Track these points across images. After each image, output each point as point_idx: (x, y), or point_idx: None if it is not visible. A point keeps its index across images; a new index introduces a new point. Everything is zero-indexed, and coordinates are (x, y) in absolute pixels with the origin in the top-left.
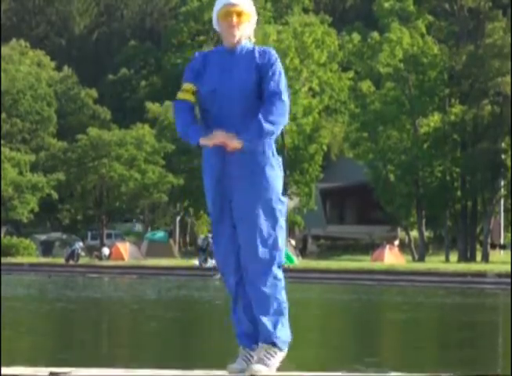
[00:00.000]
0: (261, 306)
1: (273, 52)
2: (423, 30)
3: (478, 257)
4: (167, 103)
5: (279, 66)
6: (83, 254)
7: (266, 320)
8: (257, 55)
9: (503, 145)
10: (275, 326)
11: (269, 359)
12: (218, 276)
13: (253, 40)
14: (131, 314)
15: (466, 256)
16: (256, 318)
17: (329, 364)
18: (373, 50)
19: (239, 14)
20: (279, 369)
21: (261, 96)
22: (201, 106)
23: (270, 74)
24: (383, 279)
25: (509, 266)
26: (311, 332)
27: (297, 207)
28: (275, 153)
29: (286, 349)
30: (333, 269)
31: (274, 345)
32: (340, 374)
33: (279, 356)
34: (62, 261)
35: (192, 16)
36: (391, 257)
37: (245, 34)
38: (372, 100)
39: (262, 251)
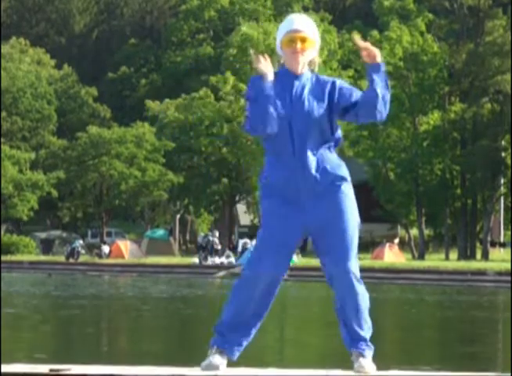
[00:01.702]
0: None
1: (336, 78)
2: (423, 28)
3: (478, 255)
4: (167, 100)
5: (347, 83)
6: (83, 252)
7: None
8: (323, 82)
9: (503, 143)
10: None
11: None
12: (219, 274)
13: (317, 63)
14: (131, 312)
15: (466, 254)
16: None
17: (329, 361)
18: None
19: (303, 40)
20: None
21: (334, 116)
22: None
23: (340, 87)
24: (383, 277)
25: (509, 264)
26: (311, 330)
27: None
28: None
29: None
30: None
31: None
32: (339, 371)
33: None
34: (62, 259)
35: (192, 14)
36: (391, 255)
37: (308, 60)
38: None
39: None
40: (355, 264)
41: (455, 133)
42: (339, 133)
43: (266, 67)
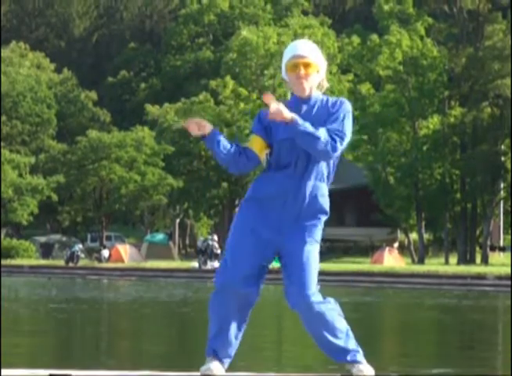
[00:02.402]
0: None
1: (345, 100)
2: (423, 32)
3: (478, 259)
4: (167, 105)
5: (345, 110)
6: (83, 256)
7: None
8: (330, 105)
9: (503, 147)
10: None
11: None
12: None
13: (325, 87)
14: (130, 316)
15: (466, 258)
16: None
17: (328, 365)
18: (373, 52)
19: (306, 66)
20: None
21: None
22: (275, 153)
23: (334, 114)
24: (382, 281)
25: (508, 268)
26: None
27: None
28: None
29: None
30: (333, 271)
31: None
32: (339, 375)
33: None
34: (61, 263)
35: (191, 19)
36: (391, 259)
37: (314, 84)
38: (371, 103)
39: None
40: (314, 290)
41: (455, 137)
42: (337, 159)
43: (200, 129)
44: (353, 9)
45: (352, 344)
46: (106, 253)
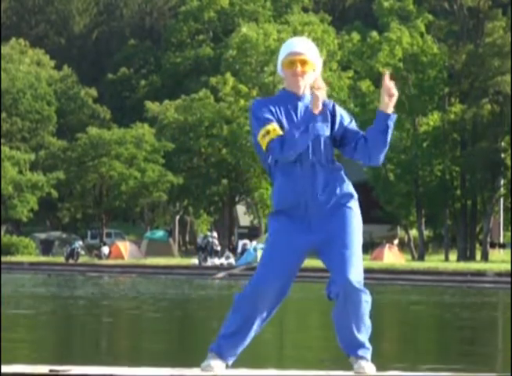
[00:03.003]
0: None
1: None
2: (423, 29)
3: (478, 256)
4: (167, 101)
5: (344, 112)
6: (83, 253)
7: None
8: (328, 106)
9: (503, 144)
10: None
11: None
12: (219, 275)
13: (321, 87)
14: (130, 313)
15: (466, 255)
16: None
17: (329, 362)
18: (373, 49)
19: (303, 63)
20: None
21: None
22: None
23: (342, 117)
24: (382, 278)
25: (508, 265)
26: (311, 330)
27: None
28: None
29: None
30: None
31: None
32: (339, 372)
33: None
34: (61, 260)
35: (191, 16)
36: (391, 256)
37: (310, 82)
38: (371, 99)
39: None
40: (359, 275)
41: (455, 134)
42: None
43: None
44: (353, 5)
45: (367, 341)
46: (106, 250)
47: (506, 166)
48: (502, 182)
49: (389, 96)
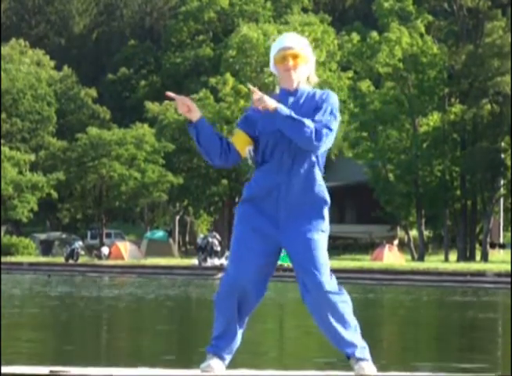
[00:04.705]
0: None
1: (331, 92)
2: (423, 29)
3: (478, 256)
4: (167, 102)
5: (331, 102)
6: (82, 253)
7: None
8: (317, 97)
9: (503, 144)
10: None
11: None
12: (219, 275)
13: (314, 81)
14: (130, 313)
15: (466, 255)
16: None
17: (328, 363)
18: (373, 50)
19: (294, 57)
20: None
21: None
22: (261, 149)
23: (321, 105)
24: (382, 278)
25: (508, 266)
26: (310, 331)
27: None
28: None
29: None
30: (333, 268)
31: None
32: (339, 372)
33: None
34: (61, 260)
35: (191, 16)
36: (391, 256)
37: (303, 76)
38: (371, 100)
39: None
40: (328, 278)
41: (454, 134)
42: (325, 153)
43: (188, 112)
44: (353, 6)
45: (360, 340)
46: (105, 250)
47: (506, 166)
48: (502, 182)
49: (261, 106)
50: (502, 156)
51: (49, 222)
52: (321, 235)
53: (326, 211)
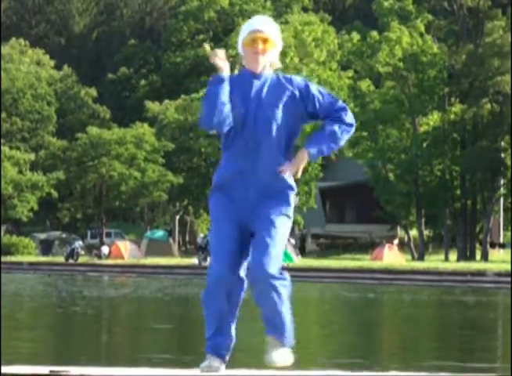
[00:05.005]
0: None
1: (294, 76)
2: (423, 29)
3: (478, 256)
4: (167, 101)
5: (306, 82)
6: (82, 252)
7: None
8: (286, 81)
9: (503, 144)
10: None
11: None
12: None
13: (276, 66)
14: (130, 313)
15: (466, 255)
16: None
17: (327, 362)
18: (373, 49)
19: (264, 41)
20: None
21: (302, 120)
22: (228, 132)
23: (313, 94)
24: (382, 278)
25: (508, 265)
26: (311, 331)
27: (297, 206)
28: None
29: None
30: (333, 268)
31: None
32: (337, 371)
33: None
34: (61, 260)
35: (191, 15)
36: (391, 256)
37: (269, 60)
38: (371, 99)
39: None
40: (275, 264)
41: (455, 134)
42: (295, 140)
43: (221, 62)
44: (353, 5)
45: (290, 329)
46: (105, 250)
47: (505, 166)
48: (502, 181)
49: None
50: (502, 155)
51: (49, 221)
52: (286, 221)
53: (292, 197)
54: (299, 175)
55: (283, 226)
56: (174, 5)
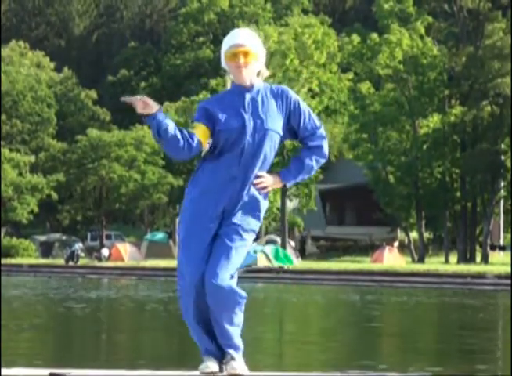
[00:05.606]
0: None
1: (287, 89)
2: (423, 31)
3: (478, 258)
4: (167, 103)
5: (297, 100)
6: (82, 255)
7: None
8: (277, 95)
9: (503, 146)
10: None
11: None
12: None
13: (265, 75)
14: (130, 315)
15: (466, 257)
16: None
17: (326, 364)
18: (373, 51)
19: (245, 54)
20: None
21: (288, 132)
22: (221, 142)
23: (301, 111)
24: (382, 280)
25: (508, 267)
26: (310, 333)
27: (297, 208)
28: None
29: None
30: (333, 270)
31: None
32: (339, 374)
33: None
34: (61, 262)
35: (191, 18)
36: (391, 258)
37: (254, 72)
38: (371, 101)
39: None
40: (227, 276)
41: (455, 136)
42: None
43: (147, 109)
44: (353, 7)
45: (239, 341)
46: (106, 252)
47: (506, 168)
48: (502, 184)
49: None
50: (503, 158)
51: (49, 223)
52: (249, 234)
53: (263, 211)
54: (265, 191)
55: (241, 240)
56: (175, 7)
